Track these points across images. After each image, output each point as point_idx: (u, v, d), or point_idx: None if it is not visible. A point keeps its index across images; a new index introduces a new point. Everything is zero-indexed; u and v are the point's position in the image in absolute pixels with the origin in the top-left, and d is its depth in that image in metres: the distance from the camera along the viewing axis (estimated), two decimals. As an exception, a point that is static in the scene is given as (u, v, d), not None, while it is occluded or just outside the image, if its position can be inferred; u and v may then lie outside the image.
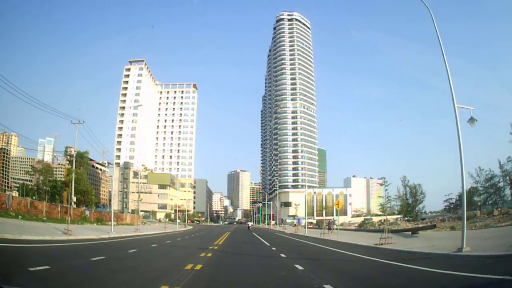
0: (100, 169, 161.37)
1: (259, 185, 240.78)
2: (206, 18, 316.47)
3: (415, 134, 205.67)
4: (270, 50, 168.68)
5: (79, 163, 70.99)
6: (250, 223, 73.30)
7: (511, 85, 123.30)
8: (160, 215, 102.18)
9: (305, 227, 41.70)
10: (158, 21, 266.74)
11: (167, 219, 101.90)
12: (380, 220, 61.40)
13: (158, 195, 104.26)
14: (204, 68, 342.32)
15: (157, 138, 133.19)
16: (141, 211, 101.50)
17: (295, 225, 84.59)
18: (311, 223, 72.90)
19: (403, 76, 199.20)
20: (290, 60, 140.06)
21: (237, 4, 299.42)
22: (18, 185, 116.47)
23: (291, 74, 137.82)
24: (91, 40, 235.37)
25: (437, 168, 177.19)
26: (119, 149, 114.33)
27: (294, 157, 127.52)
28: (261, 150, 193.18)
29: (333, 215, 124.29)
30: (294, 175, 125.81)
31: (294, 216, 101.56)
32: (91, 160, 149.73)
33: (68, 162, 72.62)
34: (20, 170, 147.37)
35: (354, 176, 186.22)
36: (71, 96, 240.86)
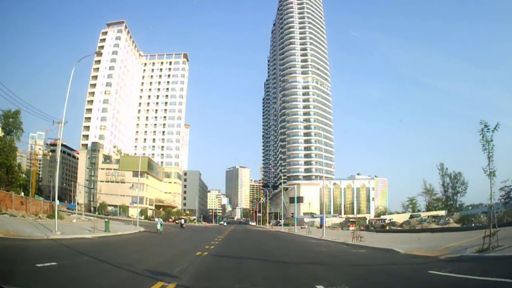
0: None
1: (260, 182, 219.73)
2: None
3: (415, 134, 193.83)
4: (274, 25, 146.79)
5: (8, 126, 49.38)
6: (183, 221, 51.10)
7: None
8: (134, 211, 78.19)
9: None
10: None
11: (143, 217, 77.86)
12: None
13: (132, 185, 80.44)
14: (200, 61, 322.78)
15: (138, 117, 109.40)
16: (110, 205, 77.98)
17: (319, 226, 61.11)
18: (352, 223, 48.84)
19: (403, 75, 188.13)
20: (300, 28, 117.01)
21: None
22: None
23: (301, 44, 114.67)
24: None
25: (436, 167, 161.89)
26: (87, 127, 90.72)
27: (306, 141, 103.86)
28: (263, 142, 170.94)
29: (353, 213, 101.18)
30: (306, 163, 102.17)
31: (312, 214, 78.08)
32: (72, 150, 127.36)
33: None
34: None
35: (358, 174, 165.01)
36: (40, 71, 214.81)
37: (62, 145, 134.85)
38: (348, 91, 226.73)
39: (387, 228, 36.32)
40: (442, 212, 56.49)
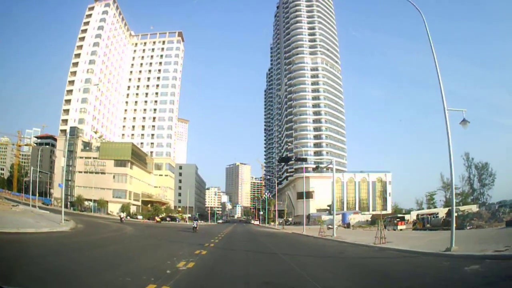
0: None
1: (262, 179, 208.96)
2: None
3: (415, 133, 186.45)
4: (278, 7, 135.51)
5: None
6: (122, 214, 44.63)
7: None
8: (115, 207, 66.73)
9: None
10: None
11: (124, 214, 66.06)
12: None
13: (114, 177, 68.84)
14: (200, 60, 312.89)
15: (127, 102, 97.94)
16: (86, 200, 66.50)
17: (346, 226, 49.19)
18: (401, 220, 35.94)
19: (403, 76, 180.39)
20: (307, 7, 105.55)
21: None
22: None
23: (308, 23, 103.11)
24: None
25: (437, 167, 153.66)
26: (66, 111, 79.52)
27: (315, 129, 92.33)
28: (265, 136, 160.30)
29: (369, 210, 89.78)
30: (316, 153, 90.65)
31: (328, 211, 66.68)
32: (54, 139, 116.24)
33: None
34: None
35: (361, 172, 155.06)
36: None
37: (50, 137, 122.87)
38: (348, 90, 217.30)
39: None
40: (473, 207, 45.61)
